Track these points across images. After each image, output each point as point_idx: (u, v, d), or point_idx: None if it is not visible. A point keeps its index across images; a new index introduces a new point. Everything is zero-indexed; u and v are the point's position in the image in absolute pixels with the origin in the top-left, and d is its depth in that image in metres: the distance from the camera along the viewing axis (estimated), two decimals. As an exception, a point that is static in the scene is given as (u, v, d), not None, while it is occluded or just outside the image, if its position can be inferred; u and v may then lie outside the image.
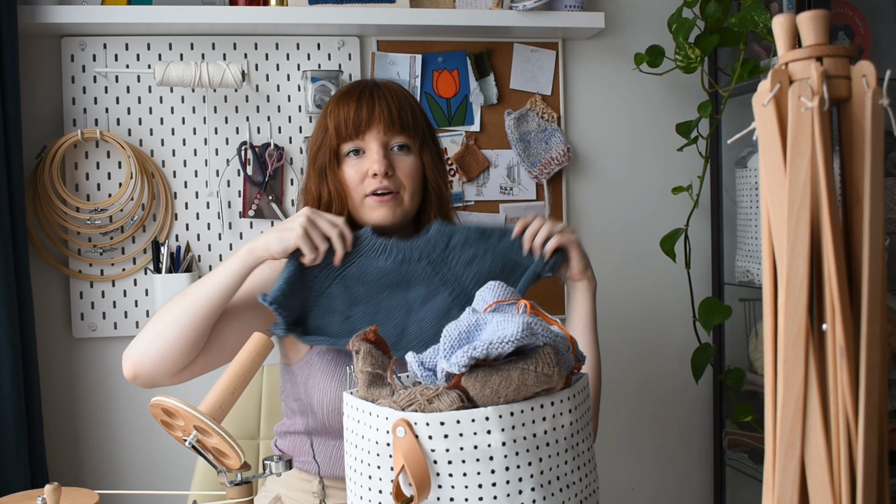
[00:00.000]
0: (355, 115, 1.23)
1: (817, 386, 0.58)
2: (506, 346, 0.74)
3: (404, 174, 1.25)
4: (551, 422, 0.79)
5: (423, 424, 0.75)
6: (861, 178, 0.59)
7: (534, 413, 0.78)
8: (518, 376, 0.76)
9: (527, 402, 0.77)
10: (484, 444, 0.75)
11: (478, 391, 0.76)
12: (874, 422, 0.57)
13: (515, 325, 0.75)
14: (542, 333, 0.78)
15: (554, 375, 0.77)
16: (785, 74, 0.60)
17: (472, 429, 0.75)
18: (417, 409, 0.76)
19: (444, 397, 0.76)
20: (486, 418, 0.75)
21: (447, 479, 0.76)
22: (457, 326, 0.80)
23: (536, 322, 0.78)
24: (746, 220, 1.93)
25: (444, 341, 0.79)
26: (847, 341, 0.57)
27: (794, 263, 0.58)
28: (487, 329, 0.78)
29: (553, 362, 0.77)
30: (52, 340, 1.82)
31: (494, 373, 0.76)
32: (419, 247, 1.21)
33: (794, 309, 0.58)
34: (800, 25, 0.60)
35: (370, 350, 0.85)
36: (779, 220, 0.59)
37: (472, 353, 0.75)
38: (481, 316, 0.81)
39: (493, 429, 0.75)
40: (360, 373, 0.84)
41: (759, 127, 0.61)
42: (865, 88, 0.58)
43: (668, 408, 2.14)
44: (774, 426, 0.59)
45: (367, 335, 0.86)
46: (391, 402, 0.78)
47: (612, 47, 2.06)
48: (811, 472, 0.58)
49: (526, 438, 0.77)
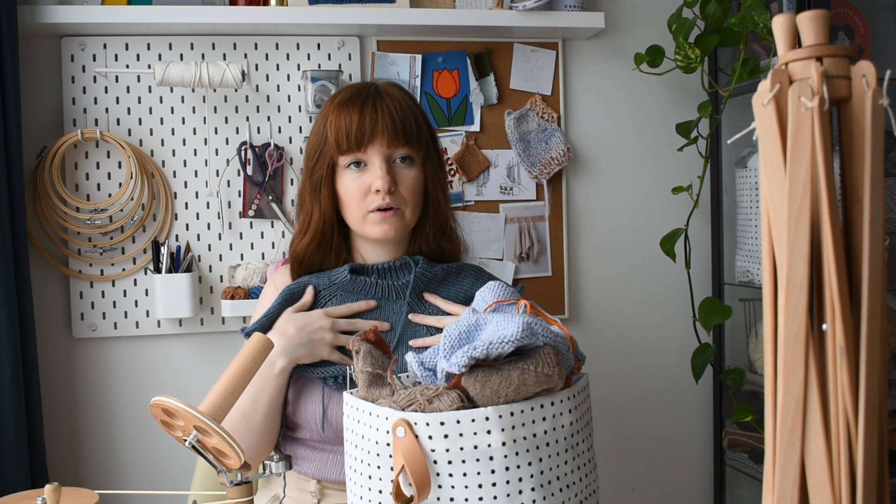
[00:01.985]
0: (358, 128, 1.19)
1: (817, 386, 0.58)
2: (506, 347, 0.74)
3: (406, 189, 1.23)
4: (551, 422, 0.79)
5: (423, 424, 0.75)
6: (861, 178, 0.59)
7: (534, 413, 0.77)
8: (518, 376, 0.76)
9: (527, 402, 0.77)
10: (484, 444, 0.75)
11: (478, 391, 0.76)
12: (874, 422, 0.57)
13: (516, 325, 0.75)
14: (543, 333, 0.78)
15: (554, 375, 0.77)
16: (785, 74, 0.60)
17: (473, 429, 0.75)
18: (417, 409, 0.76)
19: (444, 397, 0.76)
20: (486, 418, 0.75)
21: (447, 479, 0.76)
22: (457, 326, 0.80)
23: (536, 322, 0.78)
24: (746, 220, 1.93)
25: (445, 341, 0.79)
26: (847, 341, 0.57)
27: (794, 263, 0.58)
28: (487, 329, 0.78)
29: (553, 362, 0.77)
30: (52, 340, 1.82)
31: (494, 373, 0.76)
32: (400, 288, 1.25)
33: (794, 309, 0.58)
34: (800, 25, 0.60)
35: (370, 350, 0.85)
36: (779, 220, 0.59)
37: (473, 353, 0.74)
38: (481, 316, 0.81)
39: (493, 429, 0.75)
40: (361, 373, 0.84)
41: (759, 127, 0.61)
42: (865, 88, 0.58)
43: (668, 408, 2.14)
44: (774, 426, 0.59)
45: (367, 335, 0.86)
46: (391, 403, 0.78)
47: (612, 47, 2.06)
48: (811, 472, 0.58)
49: (526, 438, 0.76)
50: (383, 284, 1.24)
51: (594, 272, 2.08)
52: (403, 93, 1.26)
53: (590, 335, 2.08)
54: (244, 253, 1.88)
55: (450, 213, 1.33)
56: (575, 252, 2.06)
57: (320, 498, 1.25)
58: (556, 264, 2.03)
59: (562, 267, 2.03)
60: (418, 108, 1.26)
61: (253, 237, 1.89)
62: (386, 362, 0.85)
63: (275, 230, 1.89)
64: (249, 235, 1.89)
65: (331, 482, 1.24)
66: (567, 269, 2.04)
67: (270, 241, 1.89)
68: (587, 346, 2.08)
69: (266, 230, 1.89)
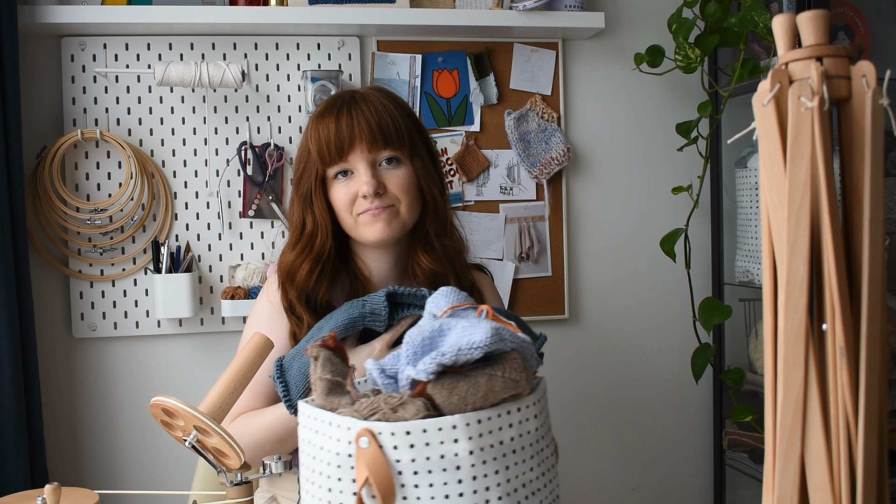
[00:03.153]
0: (336, 137, 1.19)
1: (817, 386, 0.58)
2: (475, 352, 0.72)
3: (397, 188, 1.21)
4: (518, 428, 0.77)
5: (388, 434, 0.72)
6: (861, 178, 0.59)
7: (501, 420, 0.75)
8: (486, 382, 0.74)
9: (494, 408, 0.75)
10: (451, 452, 0.73)
11: (445, 399, 0.74)
12: (874, 422, 0.57)
13: (484, 330, 0.73)
14: (510, 339, 0.76)
15: (521, 381, 0.76)
16: (785, 74, 0.60)
17: (440, 437, 0.73)
18: (382, 418, 0.73)
19: (409, 406, 0.73)
20: (453, 426, 0.73)
21: (412, 491, 0.73)
22: (419, 332, 0.77)
23: (503, 327, 0.77)
24: (746, 220, 1.93)
25: (407, 347, 0.76)
26: (847, 341, 0.57)
27: (794, 263, 0.58)
28: (453, 335, 0.76)
29: (521, 367, 0.76)
30: (52, 340, 1.82)
31: (462, 380, 0.74)
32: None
33: (794, 309, 0.58)
34: (800, 25, 0.60)
35: (329, 357, 0.81)
36: (779, 220, 0.59)
37: (441, 359, 0.72)
38: (444, 321, 0.79)
39: (461, 437, 0.73)
40: (319, 380, 0.80)
41: (759, 127, 0.61)
42: (865, 88, 0.58)
43: (668, 408, 2.14)
44: (774, 426, 0.59)
45: (325, 341, 0.82)
46: (352, 412, 0.75)
47: (612, 47, 2.06)
48: (811, 472, 0.58)
49: (493, 446, 0.74)
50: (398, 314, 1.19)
51: (594, 272, 2.08)
52: (382, 94, 1.25)
53: (590, 335, 2.08)
54: (244, 253, 1.88)
55: (449, 210, 1.31)
56: (575, 252, 2.06)
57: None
58: (556, 264, 2.03)
59: (562, 267, 2.03)
60: (399, 106, 1.24)
61: (253, 237, 1.89)
62: (345, 370, 0.82)
63: (275, 230, 1.89)
64: (249, 235, 1.89)
65: None
66: (567, 269, 2.04)
67: (270, 241, 1.89)
68: (587, 345, 2.08)
69: (266, 230, 1.89)
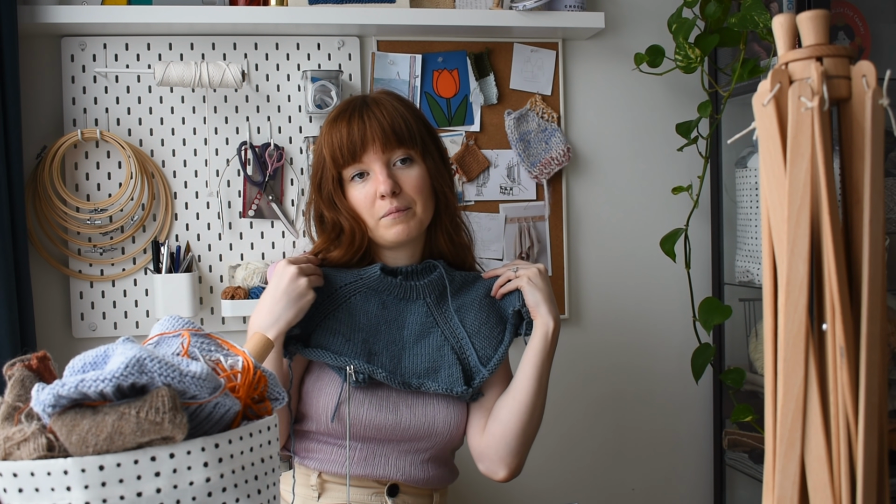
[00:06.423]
0: (349, 140, 1.23)
1: (817, 386, 0.58)
2: (102, 385, 0.62)
3: (412, 188, 1.25)
4: (171, 478, 0.64)
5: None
6: (861, 178, 0.59)
7: (137, 467, 0.63)
8: (113, 422, 0.62)
9: (128, 454, 0.63)
10: (64, 503, 0.62)
11: (65, 437, 0.63)
12: (874, 422, 0.57)
13: (124, 359, 0.64)
14: (160, 371, 0.65)
15: (164, 423, 0.63)
16: (785, 74, 0.60)
17: (50, 484, 0.62)
18: (3, 454, 0.64)
19: (31, 442, 0.63)
20: (64, 472, 0.61)
21: None
22: (83, 357, 0.68)
23: (156, 359, 0.66)
24: (746, 220, 1.93)
25: (67, 372, 0.68)
26: (847, 341, 0.57)
27: (794, 263, 0.58)
28: (111, 363, 0.66)
29: (166, 407, 0.63)
30: (52, 340, 1.81)
31: (86, 416, 0.62)
32: (421, 288, 1.30)
33: (794, 309, 0.58)
34: (800, 25, 0.60)
35: (22, 379, 0.71)
36: (779, 220, 0.59)
37: (60, 390, 0.62)
38: (110, 346, 0.70)
39: (75, 485, 0.61)
40: (3, 403, 0.70)
41: (759, 127, 0.61)
42: (865, 88, 0.58)
43: (668, 408, 2.14)
44: (774, 426, 0.59)
45: (30, 362, 0.73)
46: None
47: (612, 47, 2.06)
48: (811, 472, 0.58)
49: (124, 498, 0.63)
50: (407, 285, 1.29)
51: (594, 272, 2.08)
52: (392, 97, 1.29)
53: (590, 335, 2.08)
54: (244, 253, 1.88)
55: (458, 207, 1.36)
56: (575, 252, 2.06)
57: (321, 492, 1.26)
58: (556, 264, 2.03)
59: (562, 267, 2.03)
60: (409, 108, 1.28)
61: (253, 237, 1.89)
62: None
63: (275, 230, 1.89)
64: (249, 235, 1.89)
65: (332, 475, 1.26)
66: (567, 269, 2.04)
67: (270, 241, 1.89)
68: (587, 345, 2.08)
69: (266, 230, 1.89)
